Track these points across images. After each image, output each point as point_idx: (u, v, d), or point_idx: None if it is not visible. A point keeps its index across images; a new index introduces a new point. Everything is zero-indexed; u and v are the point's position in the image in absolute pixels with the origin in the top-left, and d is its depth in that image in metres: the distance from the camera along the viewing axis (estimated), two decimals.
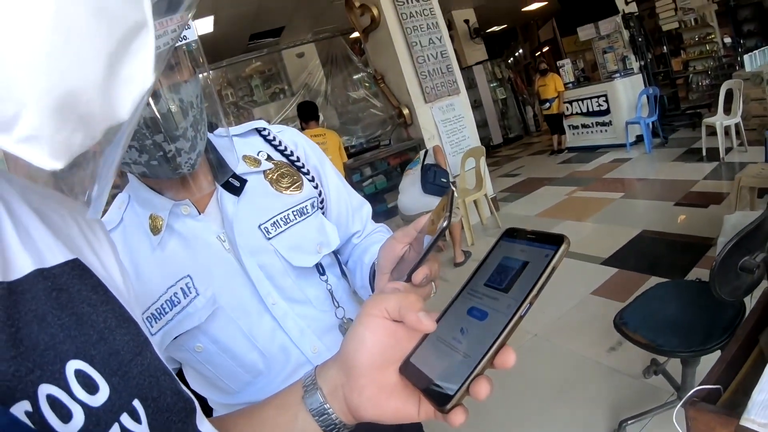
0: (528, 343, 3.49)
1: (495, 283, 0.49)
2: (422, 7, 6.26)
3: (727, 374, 1.29)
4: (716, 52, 10.28)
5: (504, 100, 13.52)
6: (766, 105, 6.61)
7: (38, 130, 0.28)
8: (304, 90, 9.40)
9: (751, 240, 1.77)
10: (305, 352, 1.06)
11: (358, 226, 1.25)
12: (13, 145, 0.27)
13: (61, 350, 0.37)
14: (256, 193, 1.05)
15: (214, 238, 1.00)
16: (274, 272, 1.03)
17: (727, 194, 5.07)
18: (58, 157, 0.30)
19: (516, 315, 0.45)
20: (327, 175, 1.20)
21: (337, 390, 0.54)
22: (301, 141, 1.19)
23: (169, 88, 0.83)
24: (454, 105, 6.55)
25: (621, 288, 3.85)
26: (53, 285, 0.39)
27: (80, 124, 0.30)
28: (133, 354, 0.43)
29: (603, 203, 6.15)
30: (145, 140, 0.82)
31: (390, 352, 0.52)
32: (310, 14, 8.95)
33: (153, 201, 0.98)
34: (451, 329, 0.50)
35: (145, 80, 0.33)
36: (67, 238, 0.45)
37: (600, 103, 9.05)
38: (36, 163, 0.29)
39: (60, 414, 0.34)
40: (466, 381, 0.44)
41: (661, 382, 2.60)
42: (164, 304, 0.96)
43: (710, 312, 2.09)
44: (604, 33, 9.34)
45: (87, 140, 0.31)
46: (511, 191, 8.16)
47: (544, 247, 0.47)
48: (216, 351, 1.01)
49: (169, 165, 0.86)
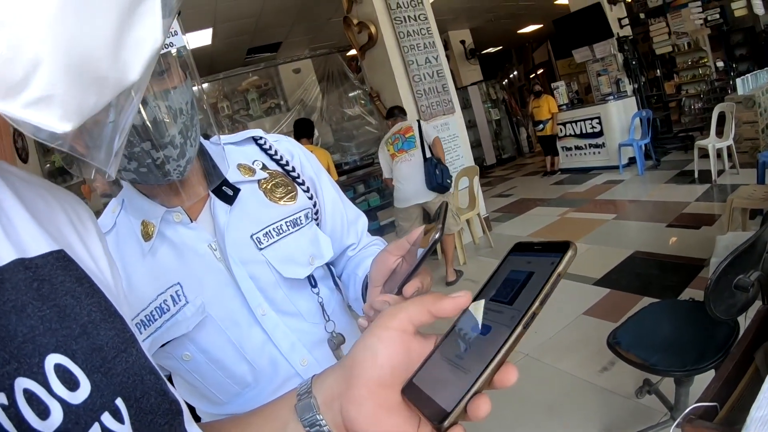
0: (520, 362, 3.47)
1: (500, 297, 0.47)
2: (420, 27, 6.31)
3: (723, 392, 1.29)
4: (709, 76, 10.43)
5: (498, 121, 13.61)
6: (757, 128, 6.68)
7: (51, 89, 0.27)
8: (300, 105, 9.44)
9: (745, 259, 1.77)
10: (294, 365, 1.04)
11: (353, 238, 1.23)
12: (19, 110, 0.27)
13: (40, 343, 0.35)
14: (249, 203, 1.04)
15: (206, 247, 0.99)
16: (265, 283, 1.02)
17: (718, 216, 5.12)
18: (70, 118, 0.29)
19: (519, 326, 0.42)
20: (323, 186, 1.18)
21: (334, 401, 0.50)
22: (297, 151, 1.18)
23: (157, 95, 0.82)
24: (448, 124, 6.57)
25: (613, 308, 3.85)
26: (34, 275, 0.38)
27: (92, 85, 0.30)
28: (118, 350, 0.41)
29: (595, 224, 6.17)
30: (133, 147, 0.81)
31: (400, 369, 0.48)
32: (307, 30, 9.03)
33: (145, 207, 0.97)
34: (455, 348, 0.48)
35: (154, 42, 0.33)
36: (53, 228, 0.44)
37: (593, 125, 9.13)
38: (46, 126, 0.28)
39: (37, 410, 0.32)
40: (464, 397, 0.42)
41: (654, 402, 2.58)
42: (154, 311, 0.95)
43: (704, 331, 2.08)
44: (598, 56, 9.43)
45: (99, 102, 0.31)
46: (503, 211, 8.18)
47: (549, 255, 0.45)
48: (204, 361, 0.99)
49: (159, 171, 0.85)
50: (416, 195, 5.01)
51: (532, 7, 11.75)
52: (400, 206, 5.16)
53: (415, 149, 5.01)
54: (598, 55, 9.44)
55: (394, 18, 6.09)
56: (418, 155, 5.00)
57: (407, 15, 6.21)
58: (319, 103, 9.33)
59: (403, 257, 0.75)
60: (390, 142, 5.17)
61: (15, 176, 0.44)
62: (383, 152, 5.29)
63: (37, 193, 0.45)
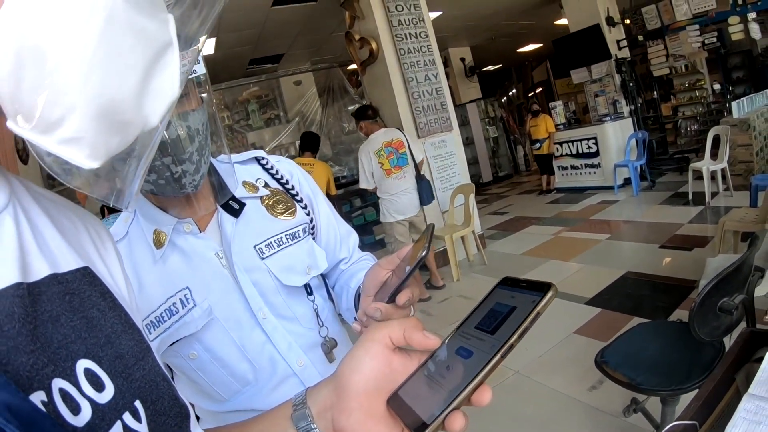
0: (510, 379, 3.49)
1: (484, 326, 0.52)
2: (420, 44, 6.37)
3: (703, 411, 1.32)
4: (705, 98, 10.51)
5: (495, 139, 13.66)
6: (752, 151, 6.73)
7: (81, 133, 0.32)
8: (299, 117, 9.49)
9: (730, 282, 1.81)
10: (291, 364, 1.13)
11: (345, 252, 1.32)
12: (54, 146, 0.32)
13: (72, 349, 0.39)
14: (253, 217, 1.13)
15: (213, 255, 1.07)
16: (266, 289, 1.11)
17: (711, 238, 5.15)
18: (96, 157, 0.34)
19: (497, 355, 0.47)
20: (319, 204, 1.28)
21: (326, 411, 0.56)
22: (297, 171, 1.28)
23: (179, 116, 0.92)
24: (446, 141, 6.62)
25: (604, 328, 3.87)
26: (66, 289, 0.42)
27: (117, 129, 0.34)
28: (136, 359, 0.45)
29: (589, 244, 6.20)
30: (154, 161, 0.90)
31: (383, 380, 0.54)
32: (310, 44, 9.09)
33: (157, 217, 1.05)
34: (439, 366, 0.53)
35: (173, 91, 0.38)
36: (78, 246, 0.48)
37: (590, 146, 9.19)
38: (75, 162, 0.33)
39: (71, 407, 0.36)
40: (442, 413, 0.47)
41: (641, 420, 2.60)
42: (163, 313, 1.02)
43: (690, 352, 2.11)
44: (596, 76, 9.50)
45: (122, 144, 0.36)
46: (498, 229, 8.20)
47: (532, 293, 0.50)
48: (209, 359, 1.07)
49: (176, 184, 0.95)
50: (410, 207, 5.12)
51: (533, 27, 11.86)
52: (392, 220, 5.17)
53: (408, 166, 5.08)
54: (595, 75, 9.50)
55: (396, 35, 6.15)
56: (411, 171, 5.11)
57: (408, 32, 6.27)
58: (319, 116, 9.38)
59: (393, 271, 0.82)
60: (383, 155, 5.03)
61: (43, 196, 0.48)
62: (370, 159, 5.05)
63: (63, 213, 0.50)
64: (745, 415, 1.15)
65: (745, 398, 1.19)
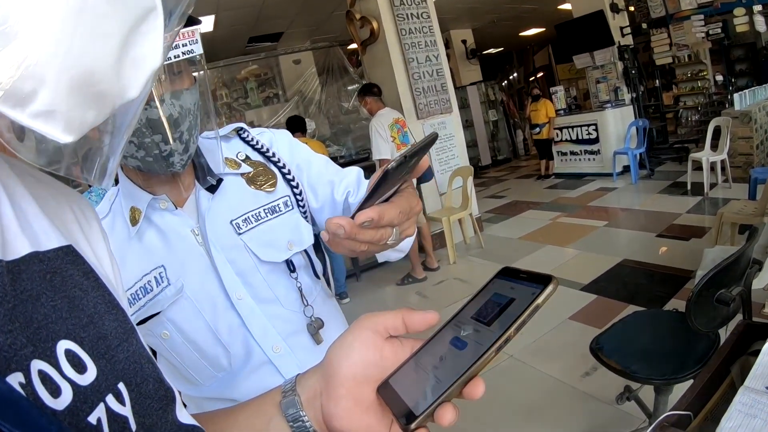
0: (504, 363, 3.50)
1: (480, 317, 0.51)
2: (422, 25, 6.32)
3: (697, 401, 1.32)
4: (707, 89, 10.49)
5: (495, 122, 13.63)
6: (752, 143, 6.73)
7: (55, 106, 0.30)
8: (298, 96, 9.44)
9: (728, 273, 1.80)
10: (266, 350, 1.09)
11: (348, 187, 1.18)
12: (27, 120, 0.29)
13: (52, 330, 0.37)
14: (230, 191, 1.10)
15: (189, 232, 1.05)
16: (244, 267, 1.07)
17: (708, 228, 5.16)
18: (71, 131, 0.31)
19: (492, 347, 0.46)
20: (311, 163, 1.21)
21: (315, 399, 0.55)
22: (282, 140, 1.23)
23: (172, 95, 0.91)
24: (445, 123, 6.59)
25: (599, 315, 3.88)
26: (47, 268, 0.40)
27: (93, 102, 0.32)
28: (120, 340, 0.44)
29: (586, 230, 6.21)
30: (144, 138, 0.90)
31: (372, 368, 0.53)
32: (310, 22, 9.01)
33: (134, 194, 1.03)
34: (431, 356, 0.51)
35: (154, 61, 0.35)
36: (61, 224, 0.47)
37: (590, 132, 9.17)
38: (50, 136, 0.31)
39: (50, 389, 0.34)
40: (433, 404, 0.46)
41: (634, 408, 2.62)
42: (138, 291, 1.01)
43: (685, 342, 2.12)
44: (598, 63, 9.46)
45: (99, 117, 0.33)
46: (496, 212, 8.22)
47: (532, 285, 0.48)
48: (181, 340, 1.04)
49: (163, 162, 0.94)
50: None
51: (536, 11, 11.77)
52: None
53: (408, 145, 5.07)
54: (598, 62, 9.47)
55: (397, 15, 6.09)
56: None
57: (410, 12, 6.22)
58: (318, 95, 9.34)
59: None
60: (394, 129, 5.17)
61: (26, 173, 0.46)
62: (385, 132, 5.14)
63: (47, 191, 0.48)
64: (741, 407, 1.15)
65: (741, 391, 1.19)
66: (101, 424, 0.37)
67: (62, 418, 0.34)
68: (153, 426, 0.43)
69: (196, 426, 0.50)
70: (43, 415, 0.31)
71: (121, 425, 0.39)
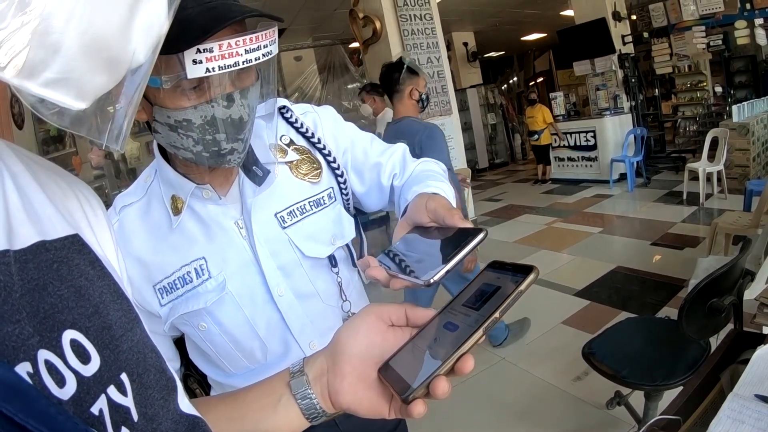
0: (496, 365, 3.52)
1: (470, 303, 0.57)
2: (424, 26, 6.33)
3: (687, 407, 1.34)
4: (706, 100, 10.49)
5: (494, 126, 13.61)
6: (749, 155, 6.75)
7: (68, 73, 0.30)
8: (299, 93, 9.43)
9: (721, 282, 1.82)
10: (303, 347, 1.08)
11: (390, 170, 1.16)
12: (38, 89, 0.30)
13: (59, 319, 0.38)
14: (276, 181, 1.05)
15: (232, 224, 1.02)
16: (286, 262, 1.05)
17: (703, 238, 5.18)
18: (83, 97, 0.32)
19: (480, 327, 0.51)
20: (354, 143, 1.18)
21: (322, 376, 0.60)
22: (325, 119, 1.18)
23: (241, 93, 0.85)
24: (444, 125, 6.55)
25: (592, 320, 3.90)
26: (54, 257, 0.41)
27: (104, 67, 0.33)
28: (125, 329, 0.44)
29: (581, 236, 6.23)
30: (205, 135, 0.85)
31: (375, 349, 0.58)
32: (312, 19, 9.00)
33: (176, 182, 0.99)
34: (427, 339, 0.57)
35: (160, 25, 0.36)
36: (67, 212, 0.47)
37: (588, 138, 9.19)
38: (62, 104, 0.31)
39: (56, 379, 0.35)
40: (428, 378, 0.51)
41: (623, 414, 2.63)
42: (176, 280, 0.99)
43: (676, 349, 2.14)
44: (599, 70, 9.47)
45: (110, 82, 0.34)
46: (492, 215, 8.23)
47: (516, 275, 0.54)
48: (218, 333, 1.03)
49: (219, 158, 0.89)
50: None
51: (538, 16, 11.80)
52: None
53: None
54: (598, 69, 9.47)
55: (400, 15, 6.11)
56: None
57: (413, 13, 6.23)
58: (318, 92, 9.32)
59: (437, 228, 0.73)
60: None
61: (33, 161, 0.47)
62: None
63: (52, 179, 0.48)
64: (730, 413, 1.16)
65: (730, 397, 1.21)
66: (103, 414, 0.37)
67: (67, 408, 0.35)
68: (155, 416, 0.44)
69: (196, 416, 0.50)
70: (52, 405, 0.31)
71: (123, 416, 0.40)
